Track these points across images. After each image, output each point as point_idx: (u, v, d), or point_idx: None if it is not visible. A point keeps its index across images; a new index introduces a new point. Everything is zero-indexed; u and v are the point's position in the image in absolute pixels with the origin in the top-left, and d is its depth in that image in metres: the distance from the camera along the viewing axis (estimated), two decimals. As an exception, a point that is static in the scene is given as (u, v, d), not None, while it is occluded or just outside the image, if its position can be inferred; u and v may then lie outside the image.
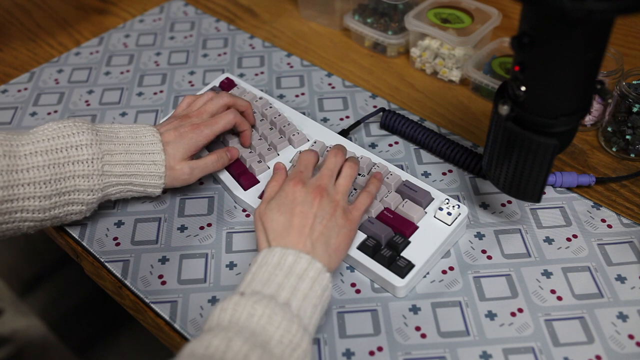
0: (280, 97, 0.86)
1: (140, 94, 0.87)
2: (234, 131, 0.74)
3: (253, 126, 0.75)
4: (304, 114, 0.81)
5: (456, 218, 0.64)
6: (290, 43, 0.96)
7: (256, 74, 0.90)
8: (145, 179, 0.64)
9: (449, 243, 0.64)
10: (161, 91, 0.88)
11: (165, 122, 0.69)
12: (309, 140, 0.74)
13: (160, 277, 0.64)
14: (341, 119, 0.82)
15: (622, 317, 0.59)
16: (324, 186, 0.59)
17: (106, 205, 0.71)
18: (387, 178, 0.68)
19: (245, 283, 0.53)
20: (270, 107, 0.77)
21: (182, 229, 0.68)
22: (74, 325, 1.43)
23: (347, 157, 0.65)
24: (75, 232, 0.68)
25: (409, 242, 0.62)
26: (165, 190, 0.72)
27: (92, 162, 0.61)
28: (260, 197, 0.68)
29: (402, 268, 0.60)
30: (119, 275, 0.64)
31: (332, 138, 0.74)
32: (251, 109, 0.73)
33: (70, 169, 0.60)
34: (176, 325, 0.60)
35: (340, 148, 0.65)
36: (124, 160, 0.63)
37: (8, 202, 0.57)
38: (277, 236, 0.56)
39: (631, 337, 0.57)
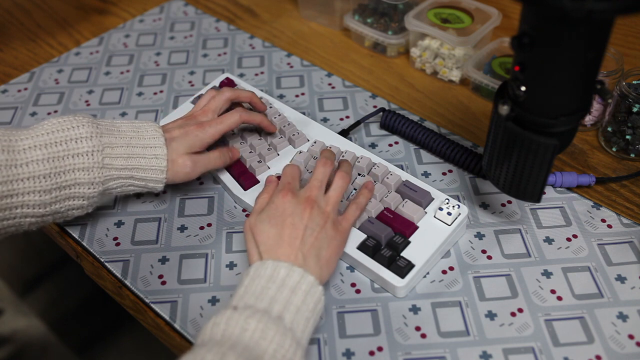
0: (280, 97, 0.86)
1: (140, 94, 0.87)
2: (234, 132, 0.74)
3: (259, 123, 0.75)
4: (304, 114, 0.81)
5: (456, 218, 0.64)
6: (290, 43, 0.96)
7: (256, 74, 0.90)
8: (147, 172, 0.64)
9: (449, 243, 0.64)
10: (161, 91, 0.88)
11: (171, 122, 0.69)
12: (309, 140, 0.74)
13: (160, 277, 0.64)
14: (341, 119, 0.82)
15: (622, 317, 0.59)
16: (313, 197, 0.59)
17: (106, 205, 0.71)
18: (387, 178, 0.68)
19: (238, 296, 0.53)
20: (270, 107, 0.77)
21: (182, 229, 0.68)
22: (74, 325, 1.43)
23: (340, 159, 0.65)
24: (75, 232, 0.68)
25: (409, 242, 0.62)
26: (165, 190, 0.72)
27: (92, 154, 0.60)
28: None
29: (402, 268, 0.60)
30: (119, 275, 0.64)
31: (332, 138, 0.74)
32: (256, 97, 0.72)
33: (70, 162, 0.59)
34: (176, 325, 0.60)
35: (329, 157, 0.64)
36: (125, 154, 0.62)
37: (8, 197, 0.57)
38: (268, 248, 0.56)
39: (631, 337, 0.57)
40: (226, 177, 0.71)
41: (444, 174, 0.74)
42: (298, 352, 0.49)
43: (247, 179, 0.70)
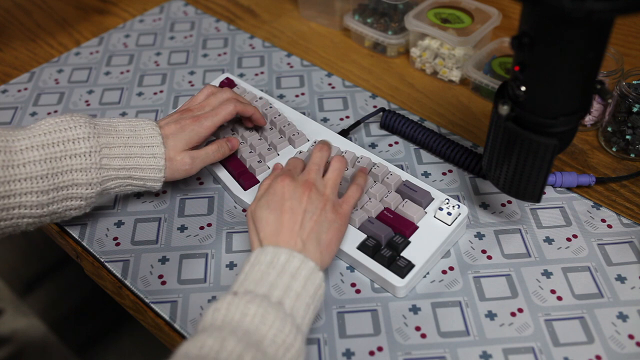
0: (280, 97, 0.86)
1: (140, 94, 0.87)
2: (233, 129, 0.74)
3: (258, 128, 0.75)
4: (304, 114, 0.81)
5: (456, 218, 0.64)
6: (290, 43, 0.96)
7: (256, 74, 0.90)
8: (145, 172, 0.64)
9: (449, 243, 0.64)
10: (161, 91, 0.88)
11: (167, 116, 0.69)
12: (309, 140, 0.74)
13: (160, 277, 0.64)
14: (341, 119, 0.82)
15: (622, 317, 0.59)
16: (311, 180, 0.59)
17: (106, 205, 0.71)
18: (387, 178, 0.68)
19: (238, 283, 0.53)
20: (270, 107, 0.77)
21: (182, 229, 0.68)
22: (74, 325, 1.43)
23: (333, 152, 0.66)
24: (75, 232, 0.68)
25: (409, 242, 0.62)
26: (165, 190, 0.72)
27: (89, 155, 0.60)
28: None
29: (402, 268, 0.60)
30: (119, 275, 0.64)
31: (332, 138, 0.74)
32: (256, 110, 0.72)
33: (67, 163, 0.59)
34: (176, 325, 0.60)
35: (325, 143, 0.65)
36: (122, 154, 0.62)
37: (5, 198, 0.57)
38: (267, 235, 0.56)
39: (631, 337, 0.57)
40: (226, 177, 0.71)
41: (444, 174, 0.74)
42: (298, 338, 0.50)
43: (247, 179, 0.70)
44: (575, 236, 0.66)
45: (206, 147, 0.67)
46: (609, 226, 0.67)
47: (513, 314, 0.59)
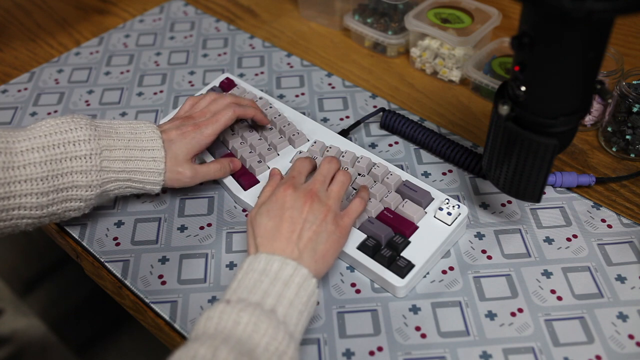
0: (280, 97, 0.86)
1: (140, 94, 0.87)
2: (233, 130, 0.75)
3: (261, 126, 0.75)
4: (304, 114, 0.81)
5: (456, 218, 0.64)
6: (290, 43, 0.96)
7: (256, 74, 0.90)
8: (145, 175, 0.64)
9: (449, 243, 0.64)
10: (161, 91, 0.88)
11: (168, 121, 0.69)
12: (309, 140, 0.74)
13: (160, 277, 0.64)
14: (341, 119, 0.82)
15: (622, 317, 0.59)
16: (315, 191, 0.59)
17: (106, 205, 0.71)
18: (387, 178, 0.68)
19: (231, 290, 0.53)
20: (270, 107, 0.77)
21: (182, 229, 0.68)
22: (74, 325, 1.43)
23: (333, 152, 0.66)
24: (75, 232, 0.68)
25: (409, 242, 0.62)
26: (165, 190, 0.72)
27: (90, 157, 0.60)
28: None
29: (402, 268, 0.60)
30: (119, 275, 0.64)
31: (332, 138, 0.74)
32: (258, 108, 0.72)
33: (67, 165, 0.59)
34: (176, 325, 0.60)
35: (335, 156, 0.65)
36: (123, 156, 0.62)
37: (5, 199, 0.57)
38: (264, 241, 0.56)
39: (631, 337, 0.57)
40: (226, 177, 0.71)
41: (444, 174, 0.74)
42: (291, 345, 0.49)
43: (247, 179, 0.70)
44: (575, 236, 0.66)
45: (209, 164, 0.68)
46: (609, 226, 0.67)
47: (513, 314, 0.59)
